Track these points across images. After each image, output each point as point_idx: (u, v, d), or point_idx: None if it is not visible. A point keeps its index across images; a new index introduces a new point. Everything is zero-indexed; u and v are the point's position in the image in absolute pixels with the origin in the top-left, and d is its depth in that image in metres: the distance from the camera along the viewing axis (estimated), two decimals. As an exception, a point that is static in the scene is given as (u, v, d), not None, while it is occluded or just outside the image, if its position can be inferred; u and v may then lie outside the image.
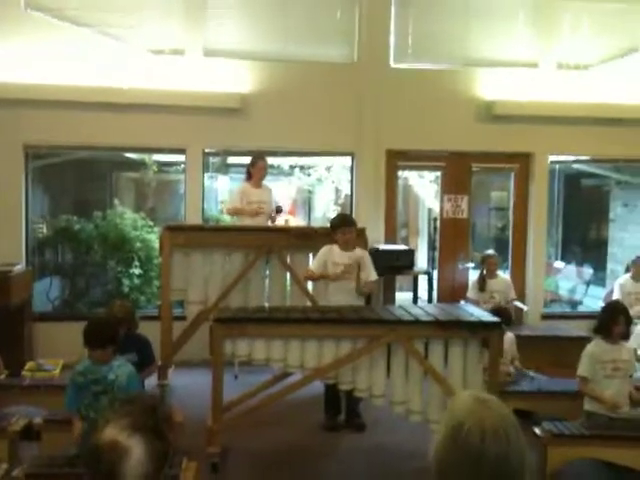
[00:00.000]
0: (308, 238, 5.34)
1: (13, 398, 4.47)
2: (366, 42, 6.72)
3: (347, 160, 7.22)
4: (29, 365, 5.50)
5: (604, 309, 4.41)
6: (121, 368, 3.46)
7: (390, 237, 6.82)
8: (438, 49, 6.96)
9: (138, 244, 6.92)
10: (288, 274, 5.46)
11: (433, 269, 6.97)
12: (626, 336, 4.21)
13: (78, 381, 3.49)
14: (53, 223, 7.12)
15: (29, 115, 6.28)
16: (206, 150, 6.77)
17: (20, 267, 6.11)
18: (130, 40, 6.50)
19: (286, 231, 5.66)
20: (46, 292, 6.98)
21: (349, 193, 7.27)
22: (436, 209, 7.67)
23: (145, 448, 1.53)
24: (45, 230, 7.10)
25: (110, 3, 6.45)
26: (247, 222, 5.85)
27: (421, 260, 8.58)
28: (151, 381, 4.79)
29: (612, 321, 4.11)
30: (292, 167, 8.56)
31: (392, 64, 6.81)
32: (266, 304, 5.38)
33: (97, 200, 7.77)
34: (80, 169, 7.89)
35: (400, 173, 7.34)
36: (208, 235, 5.47)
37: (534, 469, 1.37)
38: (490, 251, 6.45)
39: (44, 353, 6.01)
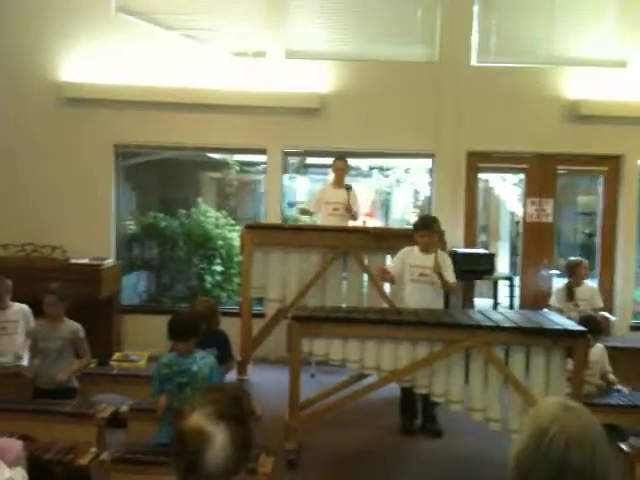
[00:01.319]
0: (386, 239, 5.33)
1: (101, 386, 4.71)
2: (447, 41, 6.64)
3: (426, 162, 7.15)
4: (117, 355, 5.78)
5: None
6: (204, 360, 3.57)
7: (470, 241, 6.69)
8: (522, 47, 6.77)
9: (220, 242, 7.12)
10: (365, 275, 5.47)
11: (515, 275, 6.78)
12: None
13: (163, 372, 3.62)
14: (141, 220, 7.43)
15: (119, 115, 6.57)
16: (285, 150, 6.87)
17: (110, 261, 6.41)
18: (214, 43, 6.70)
19: (364, 232, 5.66)
20: (134, 286, 7.29)
21: (428, 195, 7.20)
22: (518, 213, 7.46)
23: (228, 436, 1.57)
24: (133, 227, 7.42)
25: (195, 7, 6.67)
26: (326, 221, 5.91)
27: (502, 265, 8.38)
28: (231, 376, 4.91)
29: None
30: (371, 168, 8.56)
31: (474, 63, 6.69)
32: (343, 304, 5.41)
33: (182, 198, 8.05)
34: (166, 168, 8.19)
35: (481, 175, 7.19)
36: (287, 234, 5.56)
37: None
38: (578, 258, 6.18)
39: (131, 344, 6.29)
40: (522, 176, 7.13)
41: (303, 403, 4.30)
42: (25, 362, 4.87)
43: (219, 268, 7.08)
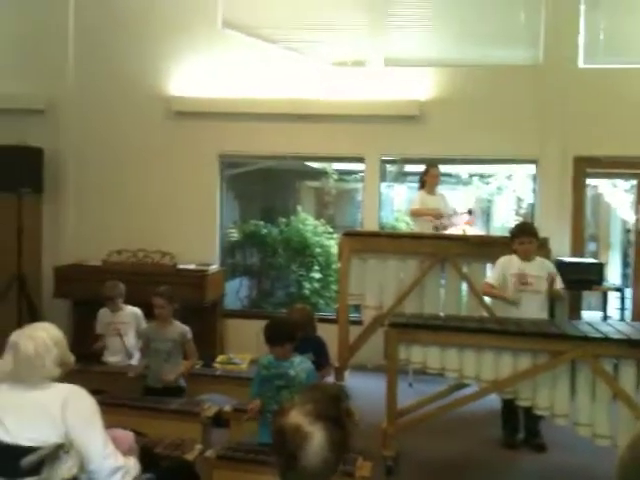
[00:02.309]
0: (486, 246, 5.22)
1: (205, 386, 4.88)
2: (552, 42, 6.42)
3: (529, 168, 6.93)
4: (220, 358, 5.99)
5: None
6: (301, 365, 3.64)
7: (577, 250, 6.41)
8: (632, 46, 6.44)
9: (318, 249, 7.24)
10: (464, 283, 5.38)
11: (626, 286, 6.42)
12: None
13: (263, 373, 3.72)
14: (243, 228, 7.68)
15: (224, 127, 6.84)
16: (383, 158, 6.88)
17: (214, 267, 6.67)
18: (315, 54, 6.84)
19: (463, 239, 5.57)
20: (236, 291, 7.55)
21: (531, 202, 6.98)
22: (630, 221, 7.07)
23: (326, 435, 1.61)
24: (236, 234, 7.68)
25: (297, 20, 6.84)
26: (423, 229, 5.87)
27: (613, 276, 7.96)
28: (328, 382, 4.96)
29: None
30: (471, 176, 8.40)
31: (581, 65, 6.43)
32: (441, 313, 5.34)
33: (282, 207, 8.25)
34: (267, 177, 8.44)
35: (589, 181, 6.88)
36: (384, 241, 5.56)
37: None
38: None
39: (233, 347, 6.51)
40: (635, 182, 6.76)
41: (401, 410, 4.28)
42: (135, 362, 5.16)
43: (317, 275, 7.20)
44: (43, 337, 2.47)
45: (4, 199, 6.73)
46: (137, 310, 5.29)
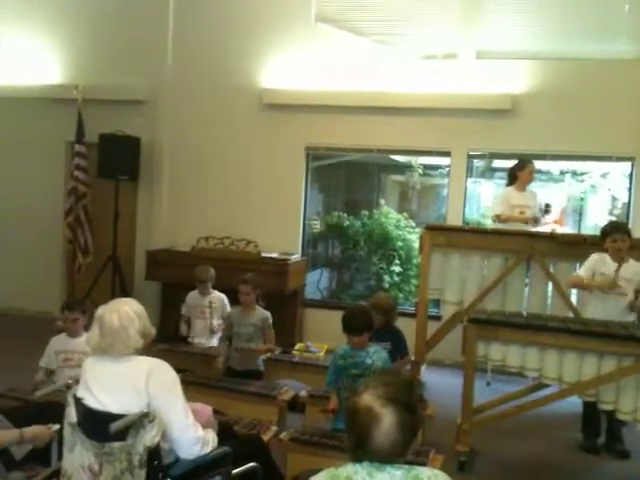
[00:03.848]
0: (576, 246, 5.03)
1: (283, 372, 5.02)
2: (656, 36, 6.10)
3: (625, 166, 6.62)
4: (299, 346, 6.11)
5: None
6: (377, 354, 3.67)
7: (673, 252, 6.07)
8: None
9: (399, 243, 7.22)
10: (550, 283, 5.21)
11: None
12: None
13: (339, 363, 3.78)
14: (326, 219, 7.78)
15: (312, 119, 6.95)
16: (470, 153, 6.77)
17: (296, 257, 6.81)
18: (405, 46, 6.80)
19: (551, 237, 5.39)
20: (317, 282, 7.66)
21: (626, 202, 6.66)
22: None
23: (396, 418, 1.66)
24: (319, 225, 7.78)
25: (388, 13, 6.83)
26: (509, 225, 5.74)
27: None
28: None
29: None
30: (562, 173, 8.10)
31: (687, 59, 6.08)
32: (524, 312, 5.21)
33: (365, 200, 8.28)
34: (351, 170, 8.48)
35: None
36: (467, 237, 5.46)
37: None
38: None
39: (311, 336, 6.62)
40: None
41: (477, 407, 4.23)
42: (215, 343, 5.35)
43: (397, 269, 7.19)
44: (126, 310, 2.63)
45: (103, 185, 7.16)
46: (223, 296, 5.49)
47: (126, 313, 2.62)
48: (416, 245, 6.67)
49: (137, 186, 7.48)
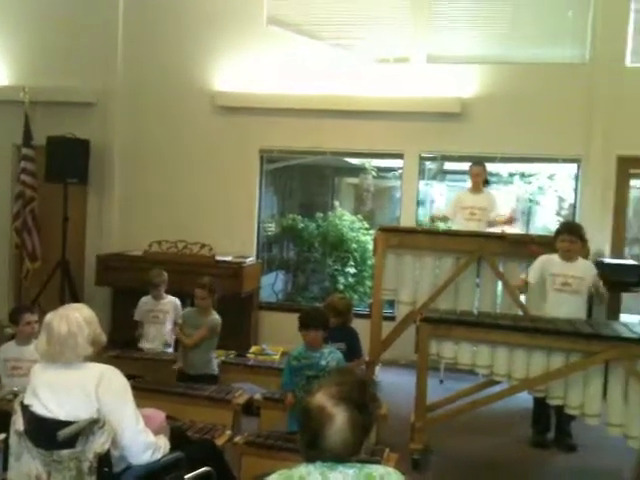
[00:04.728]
0: (525, 246, 5.16)
1: (239, 375, 4.99)
2: (600, 40, 6.30)
3: (572, 167, 6.82)
4: (254, 349, 6.09)
5: None
6: (332, 355, 3.69)
7: (617, 251, 6.29)
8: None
9: (354, 245, 7.28)
10: (500, 282, 5.33)
11: (669, 290, 6.26)
12: None
13: (293, 364, 3.78)
14: (280, 221, 7.77)
15: (265, 121, 6.93)
16: (422, 155, 6.87)
17: (251, 260, 6.78)
18: (358, 50, 6.87)
19: (501, 238, 5.52)
20: (272, 284, 7.64)
21: (573, 203, 6.86)
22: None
23: (348, 417, 1.67)
24: (274, 228, 7.77)
25: (341, 17, 6.89)
26: (461, 226, 5.85)
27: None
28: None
29: None
30: (512, 175, 8.29)
31: (628, 63, 6.30)
32: (475, 310, 5.31)
33: (320, 202, 8.31)
34: (306, 173, 8.50)
35: (633, 182, 6.73)
36: (420, 238, 5.55)
37: None
38: None
39: (267, 339, 6.60)
40: (680, 183, 6.59)
41: (430, 405, 4.29)
42: (171, 349, 5.30)
43: (352, 270, 7.24)
44: (76, 316, 2.57)
45: (51, 189, 6.98)
46: (176, 300, 5.43)
47: (75, 320, 2.56)
48: (370, 247, 6.71)
49: (87, 189, 7.33)
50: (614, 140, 6.24)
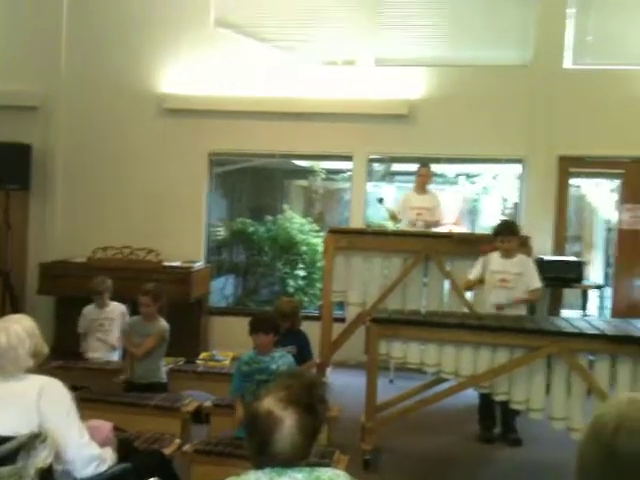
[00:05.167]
0: (469, 244, 5.26)
1: (188, 383, 4.92)
2: (540, 43, 6.48)
3: (515, 168, 6.99)
4: (203, 355, 6.01)
5: None
6: (282, 359, 3.68)
7: (559, 248, 6.47)
8: (617, 49, 6.51)
9: (304, 247, 7.28)
10: (447, 281, 5.42)
11: (608, 285, 6.49)
12: None
13: (243, 369, 3.76)
14: (230, 225, 7.71)
15: (214, 124, 6.86)
16: (371, 157, 6.92)
17: (200, 265, 6.70)
18: (306, 52, 6.88)
19: (447, 237, 5.61)
20: (222, 289, 7.57)
21: (516, 202, 7.03)
22: (613, 220, 7.15)
23: (296, 421, 1.66)
24: (223, 232, 7.70)
25: (288, 19, 6.89)
26: (407, 227, 5.93)
27: (596, 275, 8.03)
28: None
29: None
30: (457, 175, 8.45)
31: (568, 65, 6.50)
32: (423, 310, 5.38)
33: (270, 205, 8.28)
34: (255, 176, 8.46)
35: (573, 181, 6.95)
36: (369, 239, 5.60)
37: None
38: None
39: (218, 344, 6.53)
40: (618, 182, 6.82)
41: (380, 405, 4.32)
42: (117, 358, 5.19)
43: (302, 273, 7.24)
44: (16, 329, 2.49)
45: (-10, 195, 6.74)
46: (122, 307, 5.32)
47: (15, 332, 2.48)
48: (320, 249, 6.75)
49: (28, 196, 7.11)
50: (555, 140, 6.42)
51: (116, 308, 5.33)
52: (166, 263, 6.46)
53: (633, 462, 1.18)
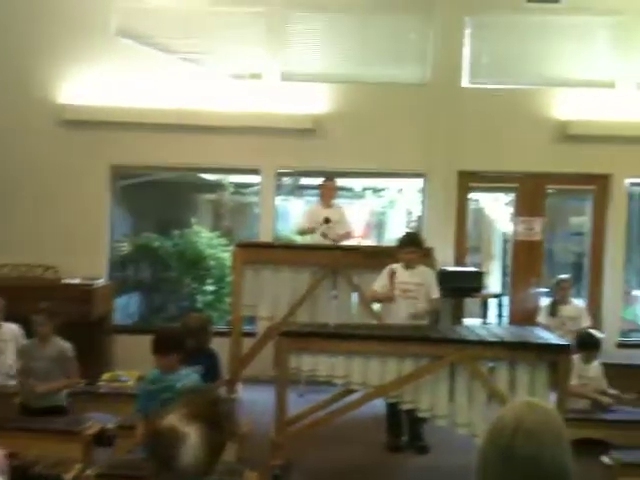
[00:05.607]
0: (376, 257, 5.37)
1: (91, 405, 4.73)
2: (439, 63, 6.75)
3: (419, 182, 7.22)
4: (106, 375, 5.76)
5: None
6: (188, 377, 3.59)
7: (460, 259, 6.73)
8: (512, 69, 6.90)
9: (212, 262, 7.17)
10: (355, 293, 5.50)
11: (505, 294, 6.82)
12: None
13: (148, 388, 3.64)
14: (135, 240, 7.48)
15: (117, 137, 6.66)
16: (279, 171, 6.95)
17: (101, 282, 6.44)
18: (212, 65, 6.83)
19: (355, 250, 5.71)
20: (126, 306, 7.32)
21: (420, 215, 7.26)
22: (509, 232, 7.53)
23: (201, 436, 1.64)
24: (127, 247, 7.46)
25: (194, 31, 6.81)
26: (316, 240, 5.97)
27: (494, 284, 8.42)
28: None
29: None
30: (364, 189, 8.63)
31: (465, 84, 6.80)
32: (332, 322, 5.42)
33: (177, 220, 8.11)
34: (162, 190, 8.27)
35: (473, 195, 7.27)
36: (278, 252, 5.61)
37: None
38: (563, 275, 6.25)
39: (123, 364, 6.27)
40: (512, 195, 7.20)
41: (291, 419, 4.30)
42: (14, 382, 4.89)
43: (211, 288, 7.13)
44: None
45: None
46: (16, 327, 5.04)
47: None
48: (229, 263, 6.67)
49: None
50: (454, 156, 6.69)
51: (10, 329, 5.04)
52: (65, 280, 6.18)
53: (530, 463, 1.24)
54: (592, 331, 5.36)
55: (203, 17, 6.81)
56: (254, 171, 6.94)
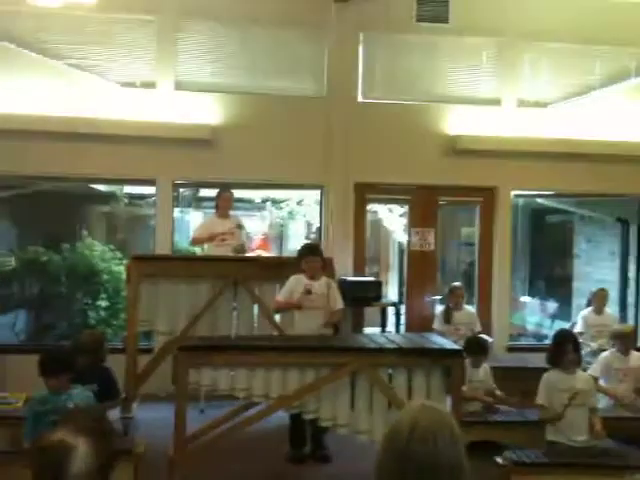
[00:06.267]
0: (276, 268, 5.37)
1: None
2: (334, 77, 6.88)
3: (317, 193, 7.30)
4: (-9, 398, 5.39)
5: (553, 339, 4.48)
6: (79, 396, 3.44)
7: (359, 269, 6.87)
8: (405, 86, 7.16)
9: (106, 276, 6.89)
10: (256, 305, 5.47)
11: (402, 302, 7.01)
12: (577, 363, 4.26)
13: (37, 410, 3.46)
14: (20, 255, 7.05)
15: (-3, 145, 6.27)
16: (176, 182, 6.80)
17: (-18, 299, 6.03)
18: (102, 72, 6.59)
19: (254, 261, 5.69)
20: (11, 325, 6.88)
21: (319, 226, 7.34)
22: (405, 243, 7.77)
23: (89, 447, 1.63)
24: (12, 262, 7.02)
25: (84, 37, 6.57)
26: (214, 252, 5.89)
27: (392, 294, 8.66)
28: (114, 414, 4.70)
29: (561, 350, 4.18)
30: (264, 201, 8.62)
31: (360, 99, 6.98)
32: (233, 335, 5.36)
33: (67, 232, 7.71)
34: (50, 201, 7.84)
35: (370, 207, 7.44)
36: (175, 265, 5.48)
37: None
38: (456, 283, 6.53)
39: (9, 386, 5.88)
40: (406, 207, 7.43)
41: (190, 436, 4.19)
42: None
43: (104, 303, 6.84)
44: None
45: None
46: None
47: None
48: (124, 277, 6.43)
49: None
50: (351, 168, 6.83)
51: None
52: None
53: (425, 464, 1.27)
54: (481, 336, 5.61)
55: (93, 23, 6.57)
56: (150, 182, 6.75)
